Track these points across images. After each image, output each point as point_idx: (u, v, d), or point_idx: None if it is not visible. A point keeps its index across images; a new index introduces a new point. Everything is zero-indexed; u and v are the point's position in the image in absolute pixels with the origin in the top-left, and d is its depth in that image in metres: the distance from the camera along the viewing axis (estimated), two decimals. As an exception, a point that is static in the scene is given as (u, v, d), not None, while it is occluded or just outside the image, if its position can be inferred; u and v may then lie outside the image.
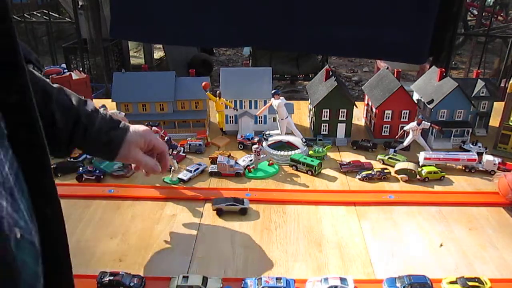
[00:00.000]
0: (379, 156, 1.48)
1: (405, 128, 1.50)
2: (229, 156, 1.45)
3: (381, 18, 0.97)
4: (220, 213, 1.17)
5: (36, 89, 0.90)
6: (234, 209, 1.17)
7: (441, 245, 1.07)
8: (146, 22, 1.06)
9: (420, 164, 1.42)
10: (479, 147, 1.52)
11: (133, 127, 1.03)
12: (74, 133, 0.94)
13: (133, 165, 1.09)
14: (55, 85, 0.96)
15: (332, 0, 0.97)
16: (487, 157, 1.40)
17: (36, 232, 0.48)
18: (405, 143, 1.50)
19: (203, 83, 1.57)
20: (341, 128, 1.61)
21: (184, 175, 1.34)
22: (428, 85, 1.67)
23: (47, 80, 0.95)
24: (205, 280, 0.90)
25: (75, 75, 1.56)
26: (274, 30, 1.02)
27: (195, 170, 1.37)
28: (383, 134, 1.61)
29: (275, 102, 1.51)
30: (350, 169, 1.41)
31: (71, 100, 0.96)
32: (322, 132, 1.62)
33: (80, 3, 3.90)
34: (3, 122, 0.45)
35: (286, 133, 1.58)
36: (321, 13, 0.99)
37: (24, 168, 0.48)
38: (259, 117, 1.66)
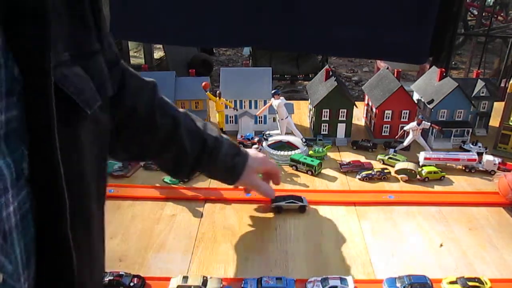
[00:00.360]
0: (379, 156, 1.48)
1: (405, 128, 1.50)
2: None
3: (381, 19, 0.97)
4: (280, 211, 1.18)
5: (165, 113, 0.93)
6: (294, 206, 1.18)
7: (441, 245, 1.07)
8: (146, 23, 1.06)
9: (420, 164, 1.42)
10: (479, 147, 1.52)
11: (252, 153, 1.10)
12: (200, 158, 0.98)
13: (130, 166, 1.11)
14: (181, 110, 0.99)
15: (332, 1, 0.97)
16: (487, 157, 1.40)
17: (31, 279, 0.46)
18: (405, 143, 1.50)
19: (203, 83, 1.57)
20: (341, 128, 1.61)
21: None
22: (428, 85, 1.67)
23: (173, 104, 0.99)
24: (205, 280, 0.90)
25: (75, 75, 1.56)
26: (274, 30, 1.03)
27: None
28: (383, 134, 1.61)
29: (275, 102, 1.51)
30: (350, 169, 1.41)
31: (196, 124, 0.99)
32: (322, 132, 1.62)
33: (80, 3, 3.89)
34: (26, 163, 0.44)
35: (286, 133, 1.58)
36: (321, 14, 0.99)
37: (34, 211, 0.45)
38: (259, 117, 1.66)
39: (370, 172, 1.37)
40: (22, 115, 0.42)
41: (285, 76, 4.77)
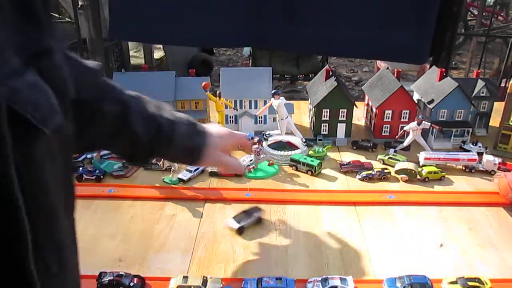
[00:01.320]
0: (379, 156, 1.48)
1: (405, 128, 1.50)
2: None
3: (381, 20, 0.97)
4: (242, 231, 1.11)
5: (113, 99, 0.87)
6: (252, 222, 1.13)
7: (441, 245, 1.07)
8: (145, 23, 1.06)
9: (420, 164, 1.42)
10: (479, 147, 1.52)
11: (215, 130, 1.02)
12: (156, 142, 0.92)
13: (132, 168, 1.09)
14: (132, 93, 0.94)
15: (333, 1, 0.97)
16: (487, 157, 1.40)
17: None
18: (405, 143, 1.50)
19: (203, 83, 1.57)
20: (341, 128, 1.61)
21: (184, 175, 1.34)
22: (428, 85, 1.67)
23: (123, 89, 0.93)
24: (205, 280, 0.90)
25: (75, 75, 1.56)
26: (274, 30, 1.02)
27: (195, 170, 1.37)
28: (383, 134, 1.61)
29: (275, 102, 1.51)
30: (350, 169, 1.41)
31: (149, 107, 0.95)
32: (322, 132, 1.62)
33: (80, 3, 3.90)
34: None
35: (286, 133, 1.58)
36: (322, 15, 0.99)
37: None
38: (259, 117, 1.66)
39: (370, 172, 1.37)
40: None
41: (285, 76, 4.78)
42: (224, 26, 1.04)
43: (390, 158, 1.45)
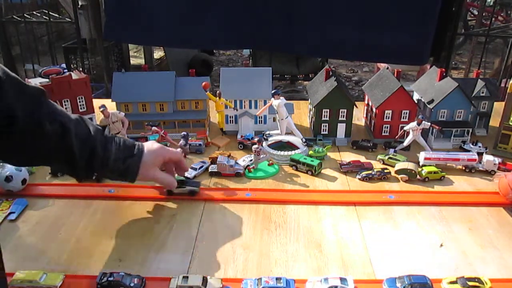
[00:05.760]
0: (379, 156, 1.48)
1: (405, 128, 1.50)
2: (229, 156, 1.45)
3: (382, 21, 0.97)
4: (170, 194, 1.23)
5: (54, 120, 0.93)
6: (184, 191, 1.23)
7: (441, 245, 1.07)
8: (140, 24, 1.06)
9: (420, 164, 1.42)
10: (479, 147, 1.52)
11: (148, 147, 1.10)
12: (90, 165, 0.99)
13: None
14: (73, 116, 1.00)
15: (332, 3, 0.97)
16: (487, 157, 1.40)
17: None
18: (405, 143, 1.50)
19: (203, 83, 1.57)
20: (341, 128, 1.61)
21: (189, 173, 1.35)
22: (428, 85, 1.67)
23: (64, 112, 1.00)
24: (205, 280, 0.90)
25: (75, 75, 1.56)
26: (274, 33, 1.02)
27: (199, 168, 1.37)
28: (383, 134, 1.61)
29: (275, 102, 1.51)
30: (350, 169, 1.41)
31: (87, 130, 1.01)
32: (322, 132, 1.62)
33: (80, 3, 3.90)
34: None
35: (286, 133, 1.58)
36: (322, 17, 0.99)
37: None
38: (259, 117, 1.66)
39: (370, 172, 1.37)
40: None
41: (285, 76, 4.78)
42: (222, 28, 1.04)
43: (390, 158, 1.45)
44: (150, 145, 1.12)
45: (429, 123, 1.47)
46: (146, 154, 1.08)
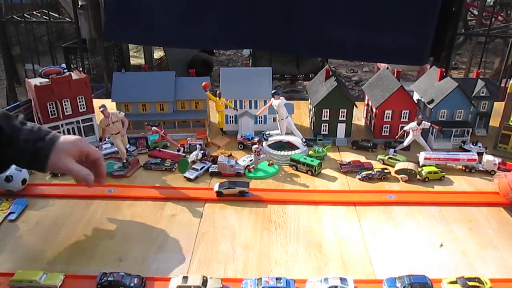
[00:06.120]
0: (379, 156, 1.48)
1: (405, 128, 1.49)
2: (229, 156, 1.45)
3: (382, 21, 0.97)
4: (220, 195, 1.24)
5: None
6: (234, 192, 1.23)
7: (441, 245, 1.07)
8: (140, 24, 1.06)
9: (420, 164, 1.42)
10: (479, 147, 1.52)
11: (64, 137, 1.03)
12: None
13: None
14: None
15: (332, 3, 0.97)
16: (487, 157, 1.40)
17: None
18: (405, 143, 1.50)
19: (203, 83, 1.57)
20: (341, 128, 1.61)
21: (191, 174, 1.35)
22: (428, 85, 1.67)
23: None
24: (205, 280, 0.90)
25: (75, 75, 1.55)
26: (274, 33, 1.02)
27: (201, 169, 1.38)
28: (383, 134, 1.61)
29: (275, 102, 1.51)
30: (350, 169, 1.41)
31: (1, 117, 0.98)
32: (322, 132, 1.62)
33: (80, 3, 3.90)
34: None
35: (286, 133, 1.58)
36: (322, 17, 0.99)
37: None
38: (259, 117, 1.66)
39: (370, 172, 1.37)
40: None
41: (285, 76, 4.77)
42: (222, 29, 1.04)
43: (390, 158, 1.45)
44: (68, 136, 1.05)
45: (429, 123, 1.47)
46: (60, 141, 1.01)
